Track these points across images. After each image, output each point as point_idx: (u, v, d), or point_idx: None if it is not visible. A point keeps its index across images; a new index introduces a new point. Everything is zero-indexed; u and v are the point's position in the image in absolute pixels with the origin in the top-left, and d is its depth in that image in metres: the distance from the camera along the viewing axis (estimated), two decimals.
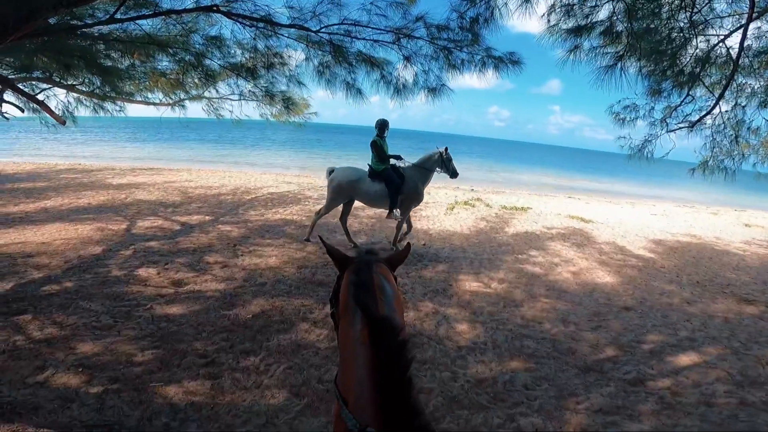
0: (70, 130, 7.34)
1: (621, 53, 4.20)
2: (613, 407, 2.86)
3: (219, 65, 5.38)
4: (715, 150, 6.10)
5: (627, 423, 2.72)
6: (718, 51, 4.91)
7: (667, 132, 5.63)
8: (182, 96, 8.19)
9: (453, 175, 6.06)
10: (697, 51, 4.83)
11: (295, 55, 4.99)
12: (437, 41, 4.19)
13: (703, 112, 6.02)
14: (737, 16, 4.53)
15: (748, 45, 4.35)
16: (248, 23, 4.38)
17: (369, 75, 4.62)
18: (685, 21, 4.25)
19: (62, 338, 3.25)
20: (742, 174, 6.32)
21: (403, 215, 6.04)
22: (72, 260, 4.89)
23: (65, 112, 7.10)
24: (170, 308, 3.89)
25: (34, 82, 6.19)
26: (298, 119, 10.76)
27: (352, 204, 6.28)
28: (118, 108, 7.69)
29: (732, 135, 5.91)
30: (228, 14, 4.20)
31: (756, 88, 5.53)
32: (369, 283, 1.10)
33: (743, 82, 5.58)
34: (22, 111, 6.84)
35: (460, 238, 7.11)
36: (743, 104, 5.56)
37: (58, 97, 6.89)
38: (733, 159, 6.08)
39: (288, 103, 6.12)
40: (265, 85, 5.78)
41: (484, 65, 4.45)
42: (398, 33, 4.15)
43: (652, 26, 4.18)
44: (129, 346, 3.20)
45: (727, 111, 5.49)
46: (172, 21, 4.60)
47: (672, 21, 4.24)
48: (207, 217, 7.39)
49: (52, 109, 6.23)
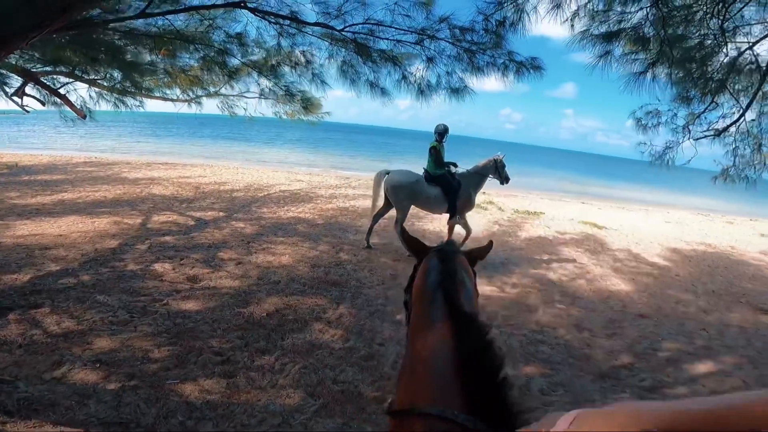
0: (87, 124, 7.41)
1: (653, 60, 4.13)
2: None
3: (241, 62, 5.40)
4: (737, 159, 5.99)
5: None
6: (748, 58, 4.81)
7: (691, 139, 5.52)
8: (200, 92, 8.30)
9: (504, 181, 6.11)
10: (726, 58, 4.75)
11: (318, 54, 4.99)
12: (461, 43, 4.15)
13: (727, 120, 5.91)
14: (766, 23, 4.43)
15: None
16: (274, 20, 4.39)
17: (391, 75, 4.60)
18: (716, 28, 4.17)
19: (79, 333, 3.26)
20: (761, 183, 6.20)
21: (459, 220, 6.08)
22: (89, 253, 4.94)
23: (83, 107, 7.21)
24: (186, 304, 3.89)
25: (55, 76, 6.27)
26: (313, 118, 10.82)
27: (391, 208, 6.16)
28: (138, 103, 7.78)
29: (755, 143, 5.80)
30: (254, 11, 4.21)
31: None
32: (453, 273, 1.05)
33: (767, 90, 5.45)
34: (43, 104, 6.93)
35: (473, 241, 7.02)
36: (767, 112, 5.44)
37: (78, 92, 6.98)
38: (754, 168, 5.97)
39: (307, 103, 6.12)
40: (286, 84, 5.78)
41: (506, 69, 4.40)
42: (422, 34, 4.13)
43: (684, 33, 4.11)
44: (145, 342, 3.21)
45: (752, 120, 5.36)
46: (198, 17, 4.61)
47: (703, 28, 4.17)
48: (220, 213, 7.43)
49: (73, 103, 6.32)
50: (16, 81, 6.20)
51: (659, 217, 13.51)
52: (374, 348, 3.42)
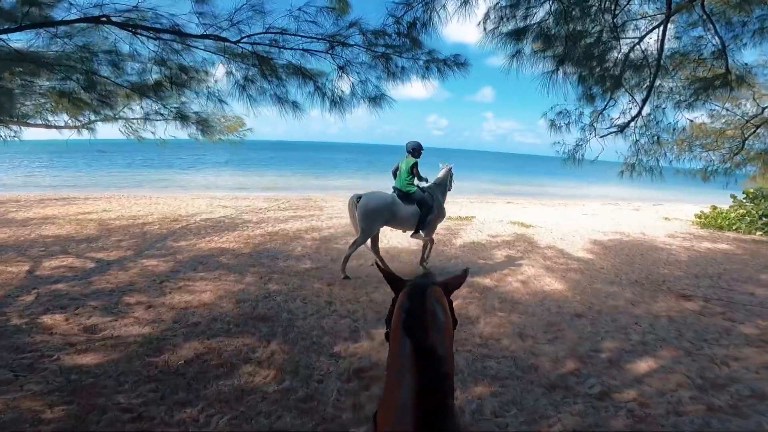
0: None
1: (561, 57, 4.24)
2: (585, 426, 2.74)
3: (116, 83, 4.68)
4: (639, 151, 6.44)
5: None
6: (639, 54, 5.15)
7: (598, 137, 5.82)
8: (93, 117, 7.39)
9: (450, 188, 6.37)
10: (620, 54, 5.04)
11: (216, 70, 4.50)
12: (375, 48, 3.93)
13: (626, 115, 6.35)
14: (649, 18, 4.74)
15: (659, 47, 4.54)
16: (151, 35, 3.83)
17: (302, 87, 4.24)
18: (610, 23, 4.38)
19: None
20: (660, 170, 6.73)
21: (429, 234, 5.97)
22: None
23: None
24: (82, 358, 3.36)
25: None
26: (233, 137, 10.13)
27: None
28: (12, 133, 6.71)
29: (653, 136, 6.27)
30: (123, 26, 3.63)
31: (672, 88, 5.90)
32: (420, 309, 1.09)
33: (658, 84, 5.91)
34: None
35: (409, 254, 6.92)
36: (663, 106, 5.90)
37: None
38: (657, 159, 6.46)
39: (204, 125, 5.54)
40: (176, 106, 5.19)
41: (428, 69, 4.26)
42: (332, 41, 3.84)
43: (584, 29, 4.26)
44: (34, 402, 2.76)
45: (649, 113, 5.78)
46: (48, 36, 3.89)
47: (599, 23, 4.35)
48: (128, 252, 6.58)
49: None
50: None
51: (576, 210, 14.50)
52: (312, 386, 3.12)
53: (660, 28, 4.25)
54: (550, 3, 4.00)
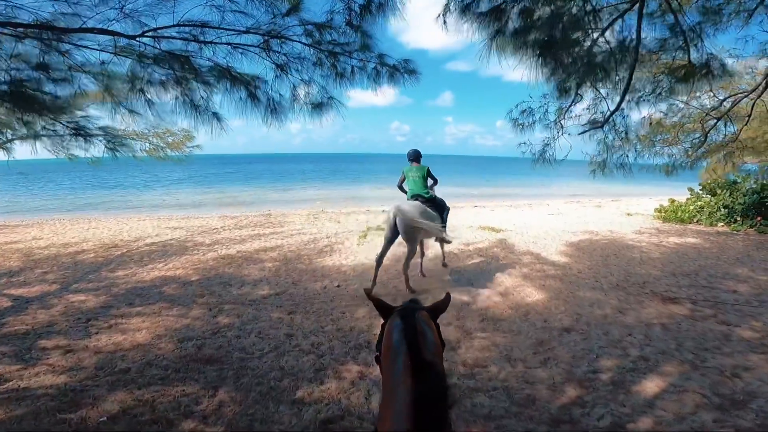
0: None
1: (543, 43, 3.85)
2: None
3: None
4: (610, 148, 6.23)
5: None
6: (603, 47, 4.88)
7: (577, 134, 5.53)
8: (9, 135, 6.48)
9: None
10: (586, 46, 4.75)
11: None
12: (320, 45, 3.34)
13: (591, 111, 6.13)
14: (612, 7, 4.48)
15: (636, 35, 4.24)
16: (8, 31, 3.04)
17: (231, 92, 3.56)
18: (578, 11, 4.05)
19: None
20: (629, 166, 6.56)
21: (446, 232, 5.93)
22: None
23: None
24: None
25: None
26: (179, 154, 9.25)
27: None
28: None
29: (623, 132, 6.07)
30: None
31: (637, 86, 5.72)
32: (413, 328, 1.11)
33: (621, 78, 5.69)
34: None
35: (384, 270, 6.35)
36: (632, 100, 5.70)
37: None
38: (627, 155, 6.27)
39: (115, 143, 4.77)
40: (74, 120, 4.41)
41: (378, 75, 3.79)
42: (267, 35, 3.21)
43: (554, 13, 3.89)
44: None
45: (621, 110, 5.54)
46: None
47: (566, 12, 4.01)
48: (53, 286, 5.66)
49: None
50: None
51: (542, 210, 14.48)
52: None
53: (636, 16, 3.96)
54: None
